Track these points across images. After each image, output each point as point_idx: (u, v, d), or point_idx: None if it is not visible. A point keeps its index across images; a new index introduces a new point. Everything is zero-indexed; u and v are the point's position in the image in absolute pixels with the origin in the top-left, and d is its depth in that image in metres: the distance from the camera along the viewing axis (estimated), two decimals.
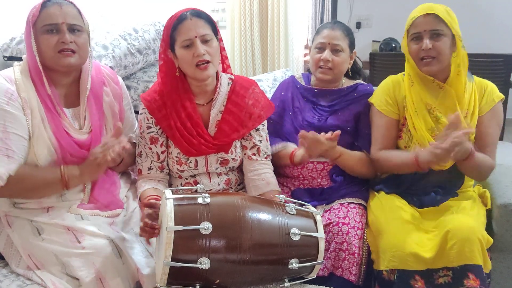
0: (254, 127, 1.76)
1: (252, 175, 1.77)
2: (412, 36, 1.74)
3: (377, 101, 1.86)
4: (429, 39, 1.69)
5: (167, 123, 1.69)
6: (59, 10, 1.53)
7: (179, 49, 1.62)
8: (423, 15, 1.70)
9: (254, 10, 3.88)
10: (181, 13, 1.63)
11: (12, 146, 1.47)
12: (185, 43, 1.60)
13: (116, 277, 1.45)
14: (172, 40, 1.64)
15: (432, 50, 1.69)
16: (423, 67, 1.73)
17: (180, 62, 1.66)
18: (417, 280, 1.58)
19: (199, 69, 1.62)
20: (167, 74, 1.71)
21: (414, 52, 1.74)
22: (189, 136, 1.68)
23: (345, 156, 1.81)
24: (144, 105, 1.72)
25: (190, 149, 1.69)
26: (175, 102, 1.69)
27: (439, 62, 1.71)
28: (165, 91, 1.71)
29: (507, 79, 3.07)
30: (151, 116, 1.71)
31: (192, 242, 1.27)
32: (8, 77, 1.54)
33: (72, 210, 1.57)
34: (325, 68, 1.92)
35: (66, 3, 1.56)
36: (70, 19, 1.55)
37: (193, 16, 1.62)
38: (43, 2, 1.54)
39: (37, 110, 1.53)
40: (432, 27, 1.69)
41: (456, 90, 1.73)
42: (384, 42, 4.27)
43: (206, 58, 1.61)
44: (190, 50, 1.60)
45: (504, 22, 4.34)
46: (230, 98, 1.74)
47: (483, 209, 1.76)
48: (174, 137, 1.70)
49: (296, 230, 1.37)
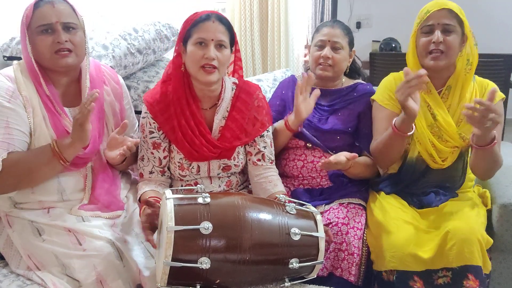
0: (258, 134, 1.75)
1: (259, 179, 1.76)
2: (423, 30, 1.73)
3: (379, 97, 1.87)
4: (441, 32, 1.69)
5: (170, 125, 1.68)
6: (51, 9, 1.52)
7: (191, 45, 1.61)
8: (438, 9, 1.70)
9: (254, 10, 3.88)
10: (207, 13, 1.62)
11: (14, 141, 1.47)
12: (199, 40, 1.59)
13: (117, 279, 1.44)
14: (188, 34, 1.62)
15: (442, 44, 1.68)
16: (430, 61, 1.71)
17: (188, 59, 1.64)
18: (416, 281, 1.58)
19: (204, 71, 1.60)
20: (176, 68, 1.69)
21: (423, 45, 1.72)
22: (191, 135, 1.67)
23: (354, 166, 1.80)
24: (147, 107, 1.71)
25: (193, 152, 1.67)
26: (180, 99, 1.67)
27: (447, 57, 1.70)
28: (170, 88, 1.69)
29: (507, 79, 3.07)
30: (154, 121, 1.70)
31: (192, 242, 1.27)
32: (8, 75, 1.54)
33: (73, 212, 1.56)
34: (325, 65, 1.92)
35: (58, 1, 1.55)
36: (63, 17, 1.53)
37: (216, 19, 1.61)
38: (35, 2, 1.52)
39: (39, 108, 1.53)
40: (446, 21, 1.69)
41: (463, 88, 1.74)
42: (384, 42, 4.27)
43: (214, 63, 1.59)
44: (201, 49, 1.59)
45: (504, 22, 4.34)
46: (234, 105, 1.73)
47: (483, 209, 1.76)
48: (177, 139, 1.68)
49: (296, 229, 1.37)
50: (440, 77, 1.78)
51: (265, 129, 1.77)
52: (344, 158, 1.70)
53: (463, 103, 1.72)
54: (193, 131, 1.67)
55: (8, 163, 1.44)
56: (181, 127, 1.67)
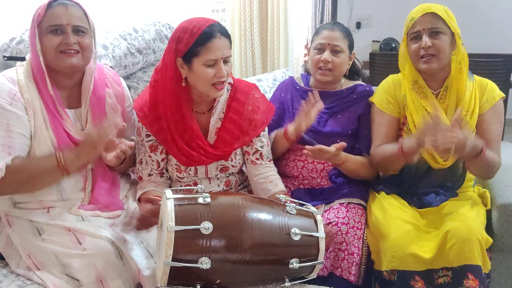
0: (256, 135, 1.75)
1: (258, 179, 1.76)
2: (411, 36, 1.75)
3: (378, 100, 1.87)
4: (428, 37, 1.70)
5: (163, 136, 1.66)
6: (64, 11, 1.52)
7: (199, 65, 1.56)
8: (422, 15, 1.71)
9: (254, 10, 3.88)
10: (210, 28, 1.55)
11: (15, 144, 1.47)
12: (210, 62, 1.56)
13: (117, 278, 1.44)
14: (193, 52, 1.55)
15: (432, 48, 1.69)
16: (423, 64, 1.73)
17: (194, 77, 1.59)
18: (417, 280, 1.58)
19: (215, 88, 1.60)
20: (174, 82, 1.61)
21: (414, 52, 1.74)
22: (188, 149, 1.66)
23: (349, 162, 1.81)
24: (139, 119, 1.70)
25: (189, 161, 1.68)
26: (174, 113, 1.63)
27: (438, 59, 1.71)
28: (161, 101, 1.63)
29: (507, 79, 3.07)
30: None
31: (192, 242, 1.27)
32: (10, 78, 1.54)
33: (73, 211, 1.57)
34: (325, 69, 1.91)
35: (72, 4, 1.55)
36: (75, 20, 1.54)
37: (222, 35, 1.57)
38: (49, 2, 1.53)
39: (40, 111, 1.53)
40: (431, 25, 1.70)
41: (458, 88, 1.74)
42: (384, 42, 4.27)
43: (224, 79, 1.60)
44: (212, 69, 1.56)
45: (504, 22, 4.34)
46: (230, 105, 1.72)
47: (483, 209, 1.76)
48: (172, 150, 1.68)
49: (296, 230, 1.37)
50: (437, 79, 1.78)
51: (263, 129, 1.77)
52: (332, 148, 1.69)
53: (462, 103, 1.73)
54: (189, 145, 1.66)
55: (11, 170, 1.45)
56: (175, 142, 1.65)
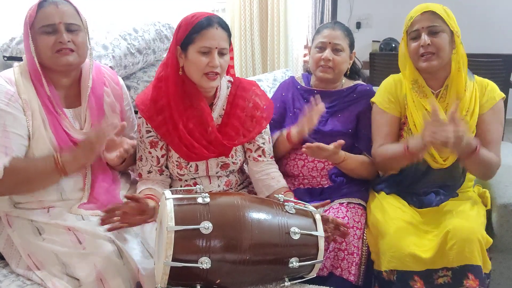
0: (259, 132, 1.75)
1: (260, 176, 1.76)
2: (411, 35, 1.75)
3: (379, 99, 1.87)
4: (427, 35, 1.70)
5: (165, 129, 1.66)
6: (55, 9, 1.52)
7: (194, 52, 1.59)
8: (421, 14, 1.71)
9: (254, 10, 3.88)
10: (208, 17, 1.59)
11: (12, 144, 1.47)
12: (204, 49, 1.58)
13: (117, 277, 1.44)
14: (189, 40, 1.59)
15: (431, 46, 1.69)
16: (423, 63, 1.72)
17: (189, 65, 1.62)
18: (417, 280, 1.58)
19: (207, 78, 1.60)
20: (173, 71, 1.64)
21: (414, 50, 1.74)
22: (190, 140, 1.66)
23: (348, 160, 1.82)
24: (140, 113, 1.70)
25: (190, 153, 1.67)
26: (178, 103, 1.64)
27: (438, 57, 1.71)
28: (163, 91, 1.65)
29: (507, 79, 3.07)
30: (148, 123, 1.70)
31: (192, 242, 1.27)
32: (8, 78, 1.54)
33: (73, 211, 1.57)
34: (326, 67, 1.92)
35: (62, 2, 1.55)
36: (67, 18, 1.54)
37: (219, 26, 1.59)
38: (39, 2, 1.53)
39: (38, 111, 1.53)
40: (430, 23, 1.70)
41: (457, 87, 1.74)
42: (384, 42, 4.27)
43: (217, 70, 1.60)
44: (206, 57, 1.58)
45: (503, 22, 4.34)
46: (230, 102, 1.73)
47: (483, 209, 1.76)
48: (173, 143, 1.67)
49: (295, 229, 1.37)
50: (437, 78, 1.78)
51: (265, 125, 1.77)
52: (330, 146, 1.70)
53: (462, 103, 1.72)
54: (192, 134, 1.66)
55: (9, 171, 1.45)
56: (178, 132, 1.65)
